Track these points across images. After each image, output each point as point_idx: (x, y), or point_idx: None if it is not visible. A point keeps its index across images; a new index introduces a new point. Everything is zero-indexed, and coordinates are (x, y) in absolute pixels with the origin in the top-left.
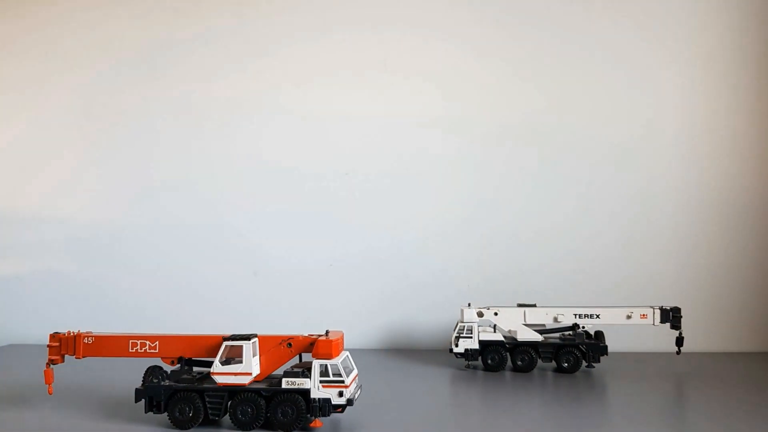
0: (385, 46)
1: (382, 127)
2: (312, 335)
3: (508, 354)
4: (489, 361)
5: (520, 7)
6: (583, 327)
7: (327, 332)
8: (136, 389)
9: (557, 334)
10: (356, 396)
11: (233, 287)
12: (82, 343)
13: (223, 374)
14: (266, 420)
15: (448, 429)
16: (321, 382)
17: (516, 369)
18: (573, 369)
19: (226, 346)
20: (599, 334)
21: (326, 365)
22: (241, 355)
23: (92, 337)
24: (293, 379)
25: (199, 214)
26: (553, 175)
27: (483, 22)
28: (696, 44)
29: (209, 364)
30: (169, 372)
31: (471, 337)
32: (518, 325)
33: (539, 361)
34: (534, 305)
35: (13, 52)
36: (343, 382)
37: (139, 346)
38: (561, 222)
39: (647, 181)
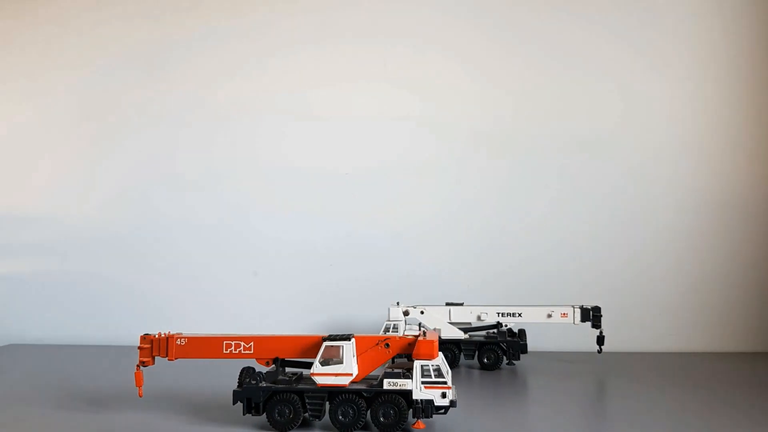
0: (383, 54)
1: (384, 129)
2: (408, 335)
3: None
4: None
5: (509, 18)
6: (506, 325)
7: (424, 332)
8: (234, 391)
9: (483, 332)
10: (456, 397)
11: (235, 287)
12: (174, 345)
13: (323, 375)
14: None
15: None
16: (423, 383)
17: None
18: (494, 366)
19: (326, 346)
20: (522, 332)
21: (428, 366)
22: (339, 356)
23: (185, 338)
24: (395, 380)
25: (201, 214)
26: (555, 178)
27: (475, 35)
28: (672, 44)
29: (301, 365)
30: (264, 373)
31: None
32: (443, 323)
33: (462, 357)
34: (461, 304)
35: (13, 51)
36: (446, 382)
37: (233, 347)
38: (558, 221)
39: (637, 177)
